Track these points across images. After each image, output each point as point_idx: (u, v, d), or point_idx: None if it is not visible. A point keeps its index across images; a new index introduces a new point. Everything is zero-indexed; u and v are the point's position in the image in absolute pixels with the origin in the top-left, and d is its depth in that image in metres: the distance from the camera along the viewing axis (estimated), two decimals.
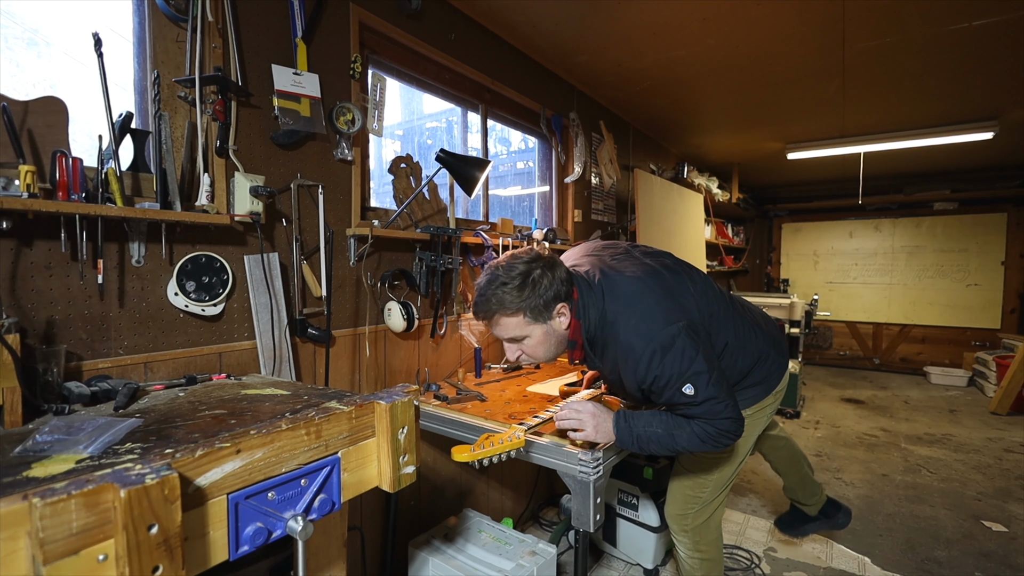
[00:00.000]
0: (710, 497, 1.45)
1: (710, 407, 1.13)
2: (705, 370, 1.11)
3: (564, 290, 1.20)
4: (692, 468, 1.47)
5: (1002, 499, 2.80)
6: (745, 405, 1.38)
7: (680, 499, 1.49)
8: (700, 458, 1.46)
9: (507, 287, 1.17)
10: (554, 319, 1.21)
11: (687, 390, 1.11)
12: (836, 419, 4.32)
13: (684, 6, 2.13)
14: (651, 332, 1.13)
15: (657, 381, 1.13)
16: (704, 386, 1.11)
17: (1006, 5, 2.09)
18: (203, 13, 1.26)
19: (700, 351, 1.12)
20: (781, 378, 1.45)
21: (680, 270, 1.31)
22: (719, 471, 1.44)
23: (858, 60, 2.64)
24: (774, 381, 1.43)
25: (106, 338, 1.14)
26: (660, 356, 1.11)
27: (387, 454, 0.88)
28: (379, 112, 1.76)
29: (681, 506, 1.48)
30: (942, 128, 3.75)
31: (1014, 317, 5.60)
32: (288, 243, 1.49)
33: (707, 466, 1.45)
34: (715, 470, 1.44)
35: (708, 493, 1.45)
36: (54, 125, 1.07)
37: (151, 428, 0.82)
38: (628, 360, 1.16)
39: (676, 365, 1.11)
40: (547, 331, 1.21)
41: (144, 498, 0.55)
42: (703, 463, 1.46)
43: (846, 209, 6.33)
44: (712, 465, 1.44)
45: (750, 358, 1.36)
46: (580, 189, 3.05)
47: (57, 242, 1.04)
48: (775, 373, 1.43)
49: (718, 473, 1.44)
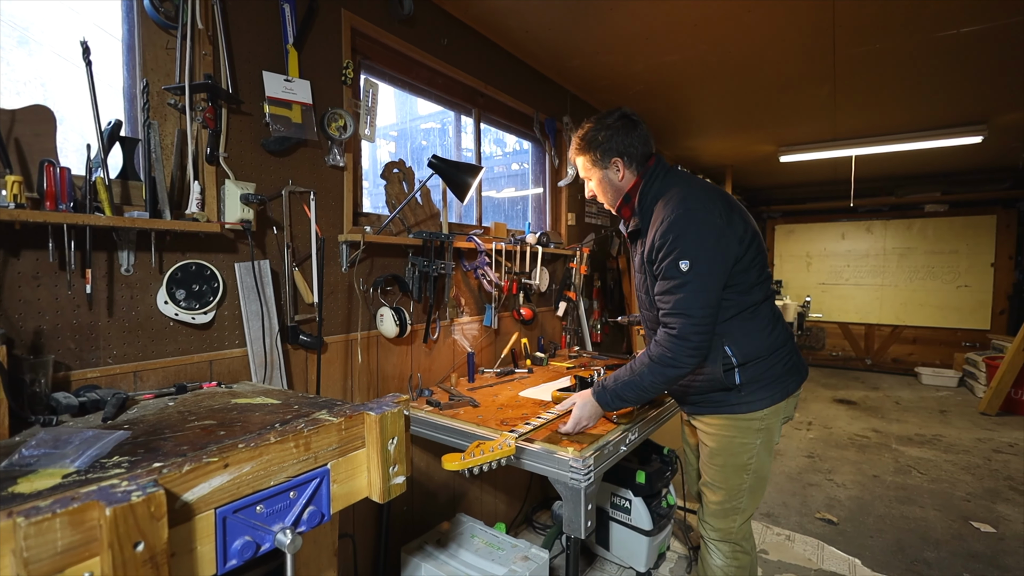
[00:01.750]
0: (747, 505, 1.43)
1: (686, 301, 1.21)
2: (706, 262, 1.21)
3: (625, 150, 1.38)
4: (721, 483, 1.43)
5: (990, 500, 2.83)
6: (763, 405, 1.35)
7: (720, 514, 1.45)
8: (723, 472, 1.42)
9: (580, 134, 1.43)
10: (608, 168, 1.40)
11: (683, 265, 1.21)
12: (828, 420, 4.36)
13: (675, 12, 2.14)
14: (688, 203, 1.26)
15: (666, 244, 1.24)
16: (695, 270, 1.20)
17: (992, 13, 2.11)
18: (193, 20, 1.26)
19: (715, 251, 1.22)
20: (800, 381, 1.41)
21: (743, 213, 1.38)
22: (750, 476, 1.40)
23: (848, 66, 2.66)
24: (792, 382, 1.39)
25: (95, 347, 1.13)
26: (683, 221, 1.23)
27: (377, 465, 0.88)
28: (371, 118, 1.76)
29: (721, 517, 1.44)
30: (932, 132, 3.78)
31: (1003, 318, 5.67)
32: (279, 250, 1.49)
33: (733, 478, 1.41)
34: (745, 476, 1.40)
35: (745, 501, 1.42)
36: (42, 134, 1.06)
37: (139, 440, 0.82)
38: (659, 217, 1.28)
39: (688, 237, 1.22)
40: (602, 178, 1.42)
41: (130, 516, 0.55)
42: (727, 476, 1.41)
43: (838, 211, 6.39)
44: (736, 475, 1.41)
45: (781, 336, 1.38)
46: (574, 192, 3.06)
47: (45, 252, 1.04)
48: (796, 371, 1.40)
49: (750, 479, 1.40)
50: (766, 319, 1.35)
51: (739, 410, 1.35)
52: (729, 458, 1.39)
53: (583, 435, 1.39)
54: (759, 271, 1.33)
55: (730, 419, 1.37)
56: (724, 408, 1.38)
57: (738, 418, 1.36)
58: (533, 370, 2.25)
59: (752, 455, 1.37)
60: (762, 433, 1.36)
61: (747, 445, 1.37)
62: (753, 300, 1.33)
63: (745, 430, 1.36)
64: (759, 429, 1.35)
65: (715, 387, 1.37)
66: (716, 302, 1.25)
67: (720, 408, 1.39)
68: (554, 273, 2.81)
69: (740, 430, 1.36)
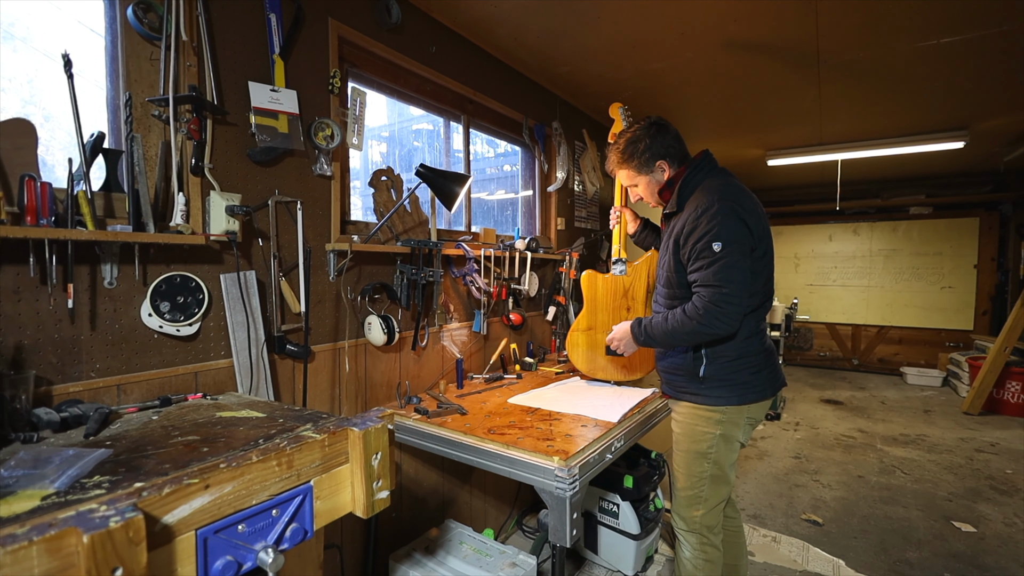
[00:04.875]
0: (709, 494, 1.50)
1: (717, 274, 1.32)
2: (736, 245, 1.32)
3: (667, 152, 1.53)
4: (684, 468, 1.53)
5: (972, 499, 2.89)
6: (720, 403, 1.45)
7: (684, 502, 1.54)
8: (686, 458, 1.52)
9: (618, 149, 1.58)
10: (655, 172, 1.55)
11: (715, 246, 1.32)
12: (815, 420, 4.41)
13: (661, 23, 2.16)
14: (726, 194, 1.39)
15: (699, 227, 1.35)
16: (726, 250, 1.32)
17: (971, 25, 2.16)
18: (177, 32, 1.26)
19: (743, 241, 1.34)
20: (762, 395, 1.48)
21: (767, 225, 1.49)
22: (710, 466, 1.48)
23: (833, 74, 2.70)
24: (752, 393, 1.46)
25: (77, 361, 1.13)
26: (720, 209, 1.34)
27: (361, 480, 0.88)
28: (359, 126, 1.76)
29: (686, 506, 1.53)
30: (915, 137, 3.85)
31: (986, 319, 5.77)
32: (266, 260, 1.49)
33: (694, 465, 1.50)
34: (705, 465, 1.48)
35: (707, 491, 1.50)
36: (23, 147, 1.05)
37: (121, 458, 0.82)
38: (697, 203, 1.40)
39: (723, 224, 1.33)
40: (649, 181, 1.57)
41: (108, 542, 0.55)
42: (689, 462, 1.51)
43: (825, 213, 6.47)
44: (698, 462, 1.49)
45: (754, 347, 1.46)
46: (563, 197, 3.08)
47: (26, 266, 1.03)
48: (760, 385, 1.47)
49: (711, 468, 1.48)
50: (747, 327, 1.44)
51: (699, 400, 1.49)
52: (691, 444, 1.51)
53: (570, 443, 1.40)
54: (763, 282, 1.44)
55: (692, 408, 1.51)
56: (686, 396, 1.53)
57: (699, 408, 1.49)
58: (522, 375, 2.26)
59: (712, 445, 1.48)
60: (721, 425, 1.47)
61: (707, 434, 1.48)
62: (764, 295, 1.45)
63: (706, 420, 1.48)
64: (719, 421, 1.47)
65: (682, 369, 1.50)
66: (746, 279, 1.35)
67: (683, 395, 1.54)
68: (543, 278, 2.83)
69: (701, 419, 1.49)
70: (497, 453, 1.40)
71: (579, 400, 1.84)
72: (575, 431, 1.51)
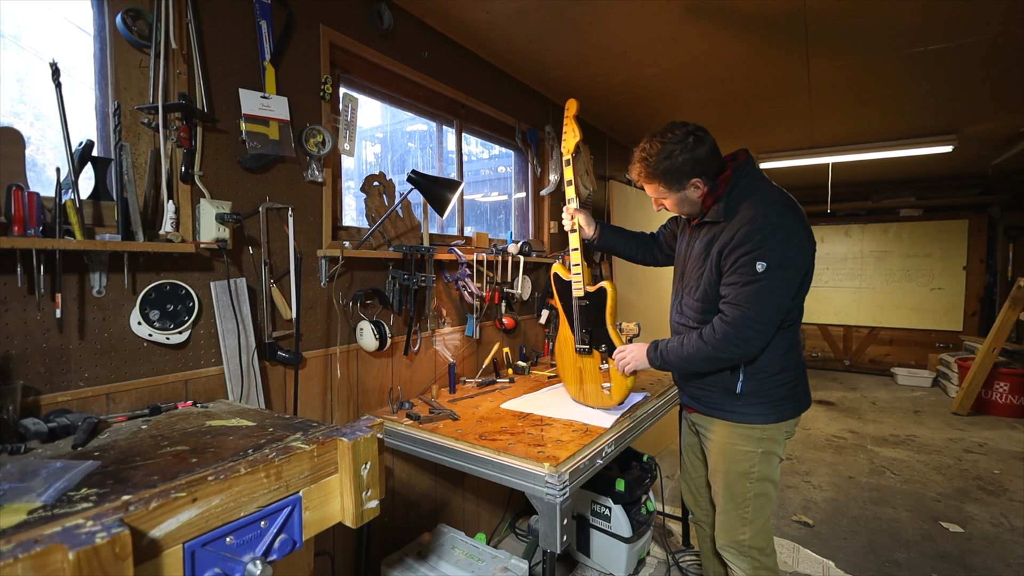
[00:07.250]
0: (754, 515, 1.43)
1: (748, 296, 1.25)
2: (782, 270, 1.24)
3: (704, 169, 1.36)
4: (726, 490, 1.45)
5: (960, 499, 2.92)
6: (758, 420, 1.39)
7: (727, 527, 1.46)
8: (727, 479, 1.45)
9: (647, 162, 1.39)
10: (687, 190, 1.39)
11: (759, 266, 1.24)
12: (807, 421, 4.45)
13: (652, 30, 2.18)
14: (779, 209, 1.29)
15: (747, 243, 1.25)
16: (769, 274, 1.23)
17: (957, 32, 2.19)
18: (167, 39, 1.25)
19: (794, 265, 1.27)
20: (797, 410, 1.43)
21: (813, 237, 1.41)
22: (754, 484, 1.42)
23: (823, 79, 2.73)
24: (789, 409, 1.41)
25: (65, 371, 1.12)
26: (771, 227, 1.25)
27: (350, 490, 0.89)
28: (350, 132, 1.76)
29: (729, 529, 1.45)
30: (905, 141, 3.89)
31: (975, 320, 5.84)
32: (257, 267, 1.49)
33: (736, 486, 1.44)
34: (748, 485, 1.42)
35: (752, 511, 1.43)
36: (10, 156, 1.05)
37: (109, 470, 0.82)
38: (746, 216, 1.29)
39: (774, 243, 1.24)
40: (681, 199, 1.42)
41: (94, 558, 0.55)
42: (730, 484, 1.45)
43: (817, 215, 6.51)
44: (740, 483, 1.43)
45: (792, 360, 1.40)
46: (556, 200, 3.09)
47: (13, 276, 1.03)
48: (796, 399, 1.43)
49: (755, 487, 1.42)
50: (786, 340, 1.38)
51: (735, 419, 1.40)
52: (731, 465, 1.43)
53: (560, 449, 1.40)
54: (803, 296, 1.37)
55: (730, 426, 1.43)
56: (720, 413, 1.44)
57: (737, 426, 1.41)
58: (515, 379, 2.27)
59: (754, 464, 1.41)
60: (763, 443, 1.40)
61: (748, 453, 1.41)
62: (786, 319, 1.36)
63: (746, 438, 1.40)
64: (760, 439, 1.40)
65: (716, 384, 1.42)
66: (777, 310, 1.28)
67: (716, 412, 1.45)
68: (536, 281, 2.83)
69: (740, 438, 1.41)
70: (488, 459, 1.40)
71: (570, 405, 1.85)
72: (566, 437, 1.52)
